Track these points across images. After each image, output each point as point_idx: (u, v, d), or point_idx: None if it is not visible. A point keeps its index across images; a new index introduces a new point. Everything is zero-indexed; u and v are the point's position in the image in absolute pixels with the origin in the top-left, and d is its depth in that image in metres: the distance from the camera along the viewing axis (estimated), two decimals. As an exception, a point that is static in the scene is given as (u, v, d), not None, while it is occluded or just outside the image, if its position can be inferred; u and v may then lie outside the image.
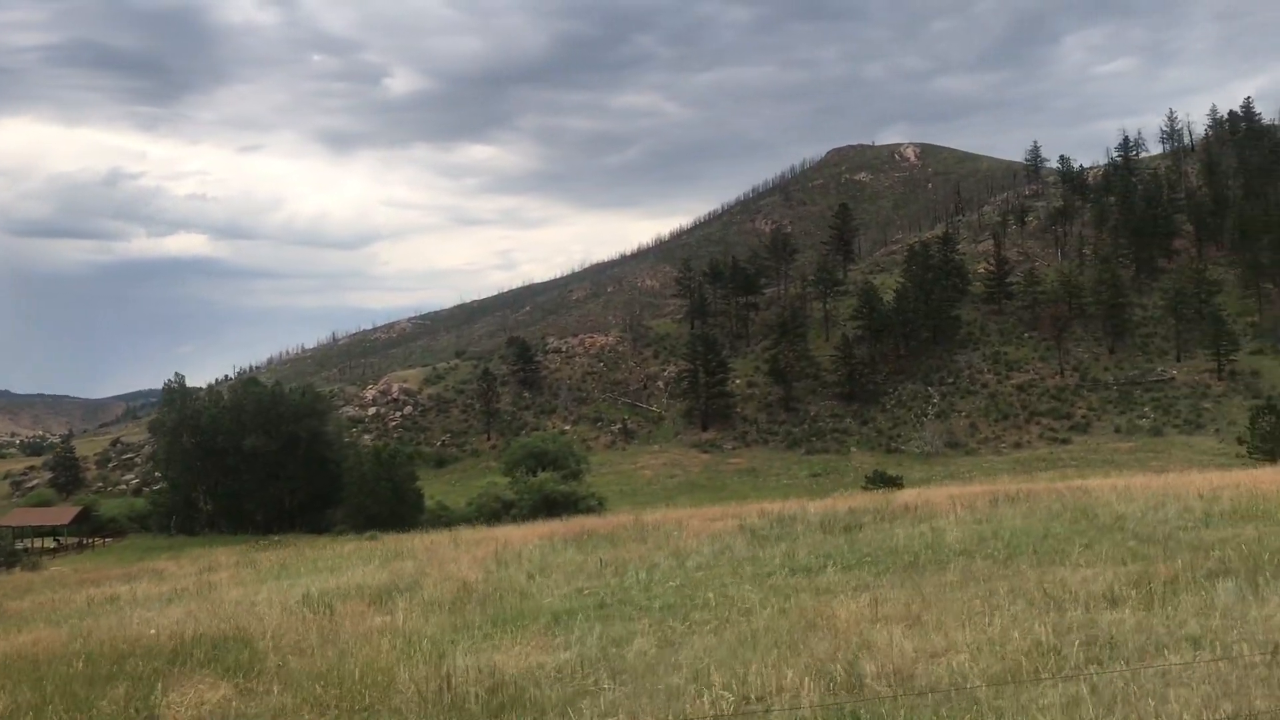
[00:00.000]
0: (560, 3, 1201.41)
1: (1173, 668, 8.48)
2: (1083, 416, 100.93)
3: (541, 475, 79.20)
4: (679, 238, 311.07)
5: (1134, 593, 11.88)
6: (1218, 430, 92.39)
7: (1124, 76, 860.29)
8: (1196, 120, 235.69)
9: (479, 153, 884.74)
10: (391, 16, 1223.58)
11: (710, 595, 15.42)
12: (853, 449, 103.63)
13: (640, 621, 13.84)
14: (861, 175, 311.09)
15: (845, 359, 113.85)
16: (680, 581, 17.35)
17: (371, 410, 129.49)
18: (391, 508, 74.97)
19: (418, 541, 34.75)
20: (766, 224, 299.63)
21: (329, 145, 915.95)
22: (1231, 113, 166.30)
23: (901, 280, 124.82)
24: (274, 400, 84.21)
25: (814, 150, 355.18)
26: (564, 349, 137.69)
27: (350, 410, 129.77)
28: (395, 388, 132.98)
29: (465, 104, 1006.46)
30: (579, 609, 15.60)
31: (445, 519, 73.67)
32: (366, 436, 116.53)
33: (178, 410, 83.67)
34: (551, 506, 71.09)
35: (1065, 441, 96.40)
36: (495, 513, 74.20)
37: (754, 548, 21.36)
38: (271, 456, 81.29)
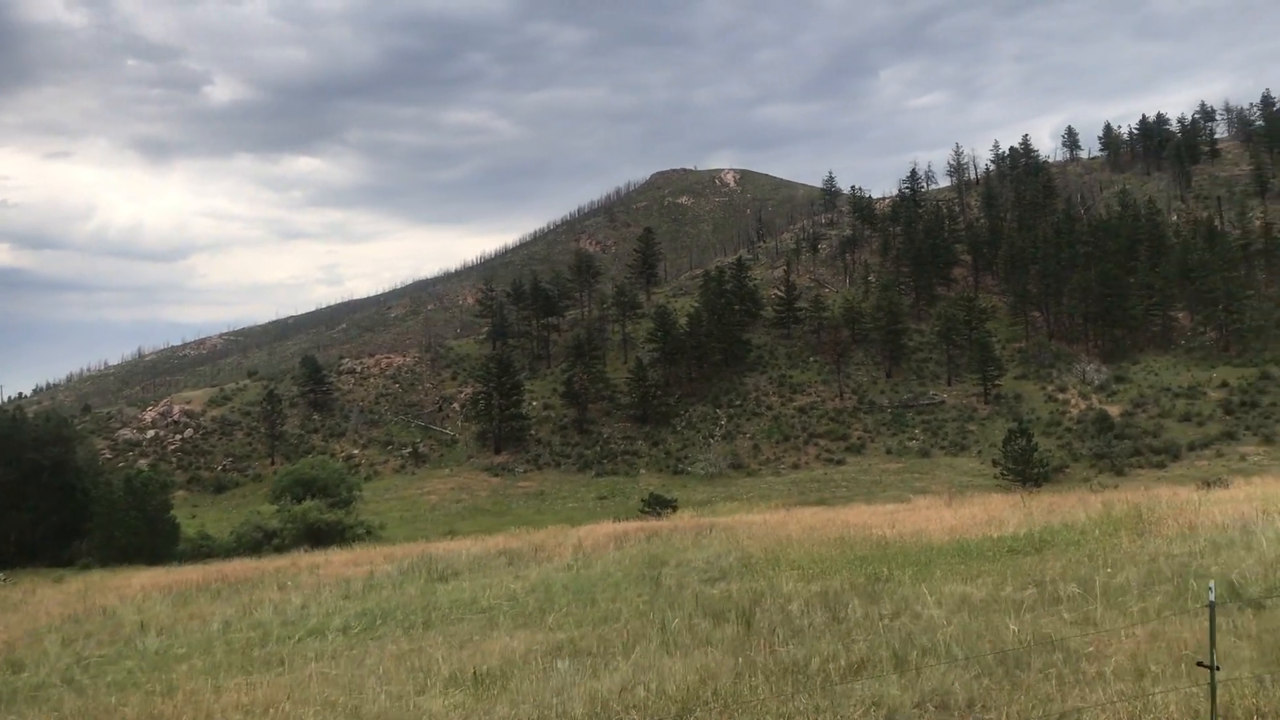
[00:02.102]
0: (390, 16, 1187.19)
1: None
2: (858, 438, 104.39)
3: (305, 503, 76.56)
4: (503, 256, 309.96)
5: (502, 668, 11.62)
6: (979, 452, 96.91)
7: (935, 110, 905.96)
8: (982, 155, 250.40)
9: (305, 165, 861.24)
10: (214, 24, 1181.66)
11: (184, 669, 14.54)
12: (642, 471, 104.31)
13: (40, 709, 12.86)
14: (684, 199, 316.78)
15: (639, 381, 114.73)
16: (186, 649, 16.41)
17: (150, 433, 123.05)
18: (143, 539, 71.26)
19: (83, 583, 32.64)
20: (591, 244, 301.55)
21: (144, 153, 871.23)
22: (1012, 149, 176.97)
23: (696, 304, 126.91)
24: (13, 427, 78.76)
25: (644, 172, 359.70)
26: (359, 369, 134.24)
27: (127, 433, 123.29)
28: (176, 409, 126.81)
29: (291, 115, 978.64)
30: (38, 686, 14.50)
31: (207, 550, 70.48)
32: (143, 461, 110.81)
33: (-95, 438, 77.16)
34: (316, 536, 68.97)
35: (840, 462, 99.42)
36: (257, 543, 71.36)
37: (333, 601, 20.59)
38: (11, 486, 76.04)
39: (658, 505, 74.44)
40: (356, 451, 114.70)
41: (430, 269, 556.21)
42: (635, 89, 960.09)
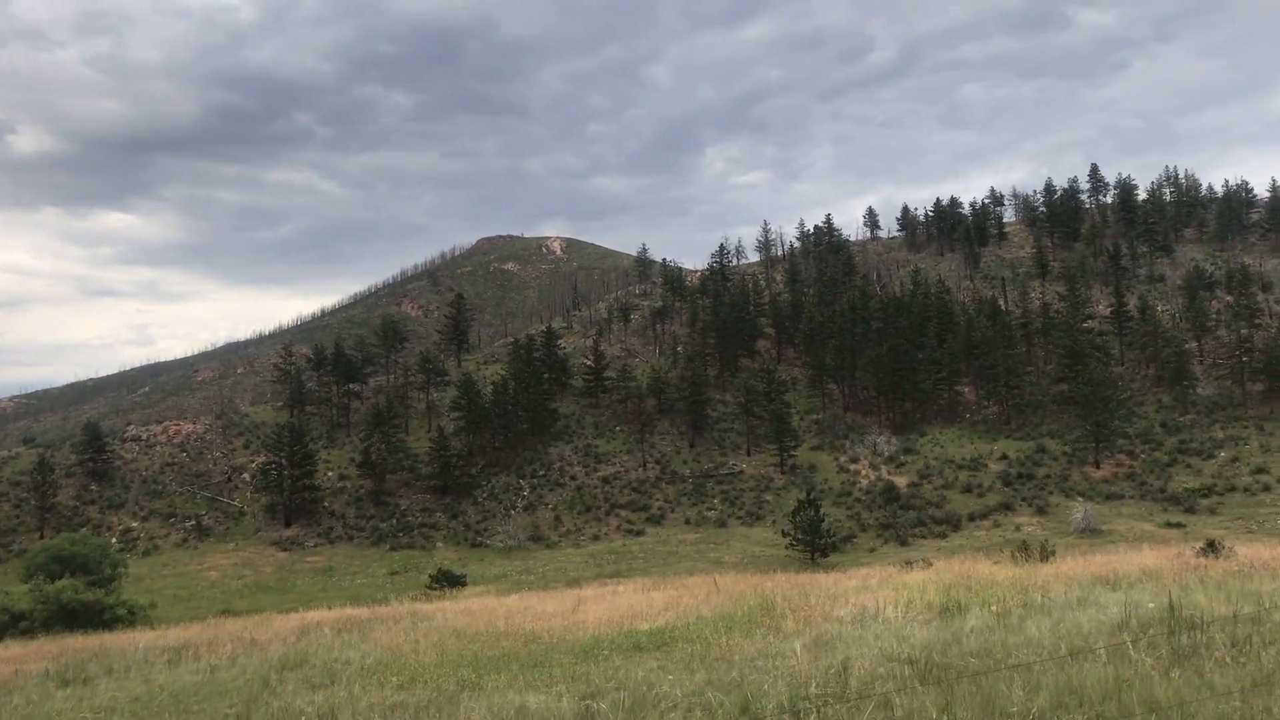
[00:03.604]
0: (212, 72, 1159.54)
1: None
2: (659, 509, 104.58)
3: (60, 582, 71.05)
4: (320, 319, 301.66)
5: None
6: (774, 521, 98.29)
7: (759, 187, 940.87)
8: (789, 232, 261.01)
9: (116, 220, 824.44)
10: (20, 71, 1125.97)
11: None
12: (439, 544, 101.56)
13: None
14: (510, 265, 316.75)
15: (440, 451, 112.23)
16: None
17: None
18: None
19: None
20: (413, 308, 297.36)
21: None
22: (817, 227, 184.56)
23: (503, 372, 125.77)
24: None
25: (473, 238, 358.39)
26: (145, 437, 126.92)
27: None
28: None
29: (102, 169, 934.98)
30: None
31: (-57, 636, 64.47)
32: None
33: None
34: (72, 618, 63.83)
35: (640, 533, 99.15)
36: (2, 627, 65.86)
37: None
38: None
39: (446, 582, 72.37)
40: (135, 524, 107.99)
41: (247, 331, 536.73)
42: (467, 155, 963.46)
